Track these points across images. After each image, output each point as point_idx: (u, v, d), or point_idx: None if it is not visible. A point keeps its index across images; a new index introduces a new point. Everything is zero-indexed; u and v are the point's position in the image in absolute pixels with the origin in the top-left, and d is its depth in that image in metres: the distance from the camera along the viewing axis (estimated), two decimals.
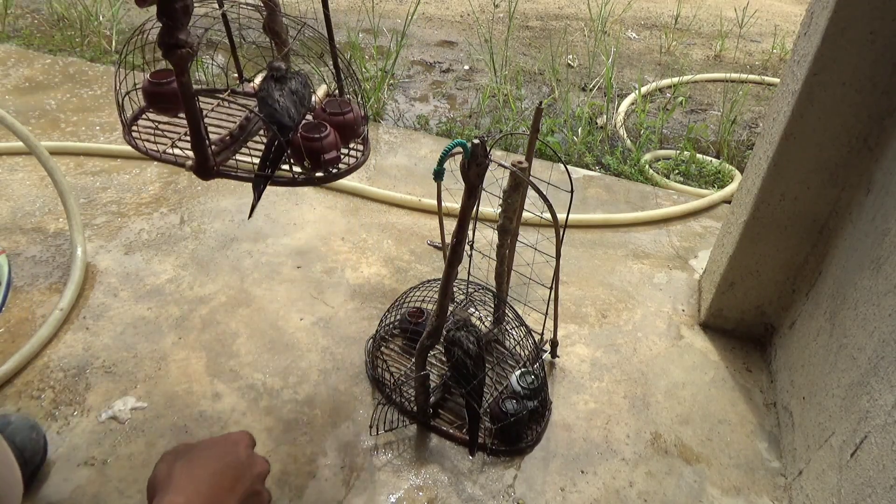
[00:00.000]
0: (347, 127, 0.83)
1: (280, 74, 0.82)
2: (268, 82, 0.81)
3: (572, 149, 1.97)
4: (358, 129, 0.85)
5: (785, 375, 1.12)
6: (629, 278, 1.40)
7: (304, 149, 0.76)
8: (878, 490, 0.74)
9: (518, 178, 0.96)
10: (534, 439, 1.02)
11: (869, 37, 0.92)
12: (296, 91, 0.82)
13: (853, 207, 1.01)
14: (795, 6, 3.75)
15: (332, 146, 0.77)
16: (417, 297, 1.15)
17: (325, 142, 0.77)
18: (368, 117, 0.84)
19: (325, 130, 0.78)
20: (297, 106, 0.80)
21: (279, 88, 0.81)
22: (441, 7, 3.29)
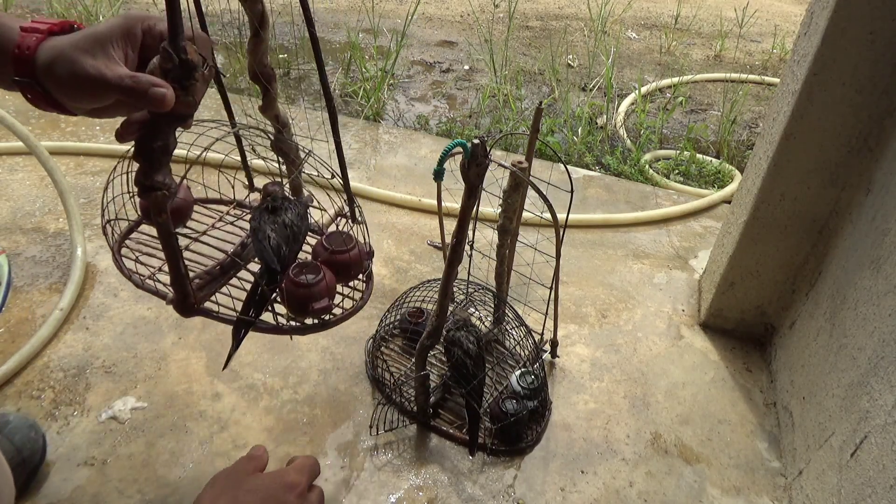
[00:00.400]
0: (349, 265, 0.75)
1: (275, 204, 0.74)
2: (260, 212, 0.73)
3: (572, 149, 1.97)
4: (361, 267, 0.78)
5: (785, 375, 1.12)
6: (629, 278, 1.40)
7: (292, 295, 0.70)
8: (878, 490, 0.74)
9: (518, 178, 0.96)
10: (534, 439, 1.02)
11: (869, 37, 0.92)
12: (290, 224, 0.73)
13: (853, 207, 1.01)
14: (795, 6, 3.75)
15: (323, 293, 0.70)
16: (417, 297, 1.15)
17: (315, 289, 0.69)
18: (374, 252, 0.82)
19: (319, 275, 0.71)
20: (289, 242, 0.71)
21: (272, 221, 0.72)
22: (441, 7, 3.29)
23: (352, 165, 1.72)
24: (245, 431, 0.99)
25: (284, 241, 0.71)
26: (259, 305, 0.70)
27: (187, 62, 0.54)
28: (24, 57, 0.56)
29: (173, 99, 0.55)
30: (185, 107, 0.56)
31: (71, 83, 0.55)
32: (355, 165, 1.73)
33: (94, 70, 0.54)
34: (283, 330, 0.73)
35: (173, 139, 0.59)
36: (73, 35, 0.57)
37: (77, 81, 0.55)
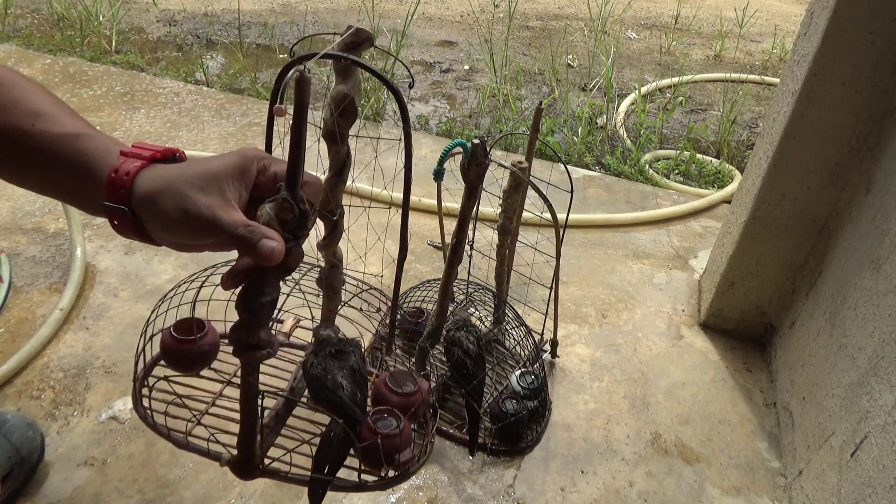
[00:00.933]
0: (420, 407, 0.66)
1: (339, 347, 0.67)
2: (322, 358, 0.65)
3: (572, 149, 1.97)
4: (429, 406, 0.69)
5: (785, 375, 1.12)
6: (629, 278, 1.40)
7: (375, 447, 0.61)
8: (878, 490, 0.74)
9: (518, 178, 0.96)
10: (534, 439, 1.02)
11: (869, 37, 0.92)
12: (357, 369, 0.66)
13: (853, 207, 1.01)
14: (795, 6, 3.75)
15: (407, 442, 0.62)
16: (417, 297, 1.15)
17: (400, 438, 0.61)
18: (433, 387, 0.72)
19: (400, 423, 0.62)
20: (361, 388, 0.65)
21: (339, 367, 0.65)
22: (441, 7, 3.29)
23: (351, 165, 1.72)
24: None
25: (357, 387, 0.65)
26: (338, 461, 0.64)
27: (305, 213, 0.50)
28: (122, 183, 0.52)
29: (283, 254, 0.50)
30: (295, 259, 0.51)
31: (177, 219, 0.51)
32: (355, 165, 1.72)
33: (207, 211, 0.51)
34: (366, 486, 0.64)
35: (278, 292, 0.53)
36: (181, 167, 0.53)
37: (185, 218, 0.51)
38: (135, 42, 2.50)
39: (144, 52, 2.41)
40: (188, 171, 0.52)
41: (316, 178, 0.56)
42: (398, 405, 0.65)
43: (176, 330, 0.71)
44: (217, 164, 0.53)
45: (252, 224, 0.50)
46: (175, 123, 1.83)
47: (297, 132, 0.48)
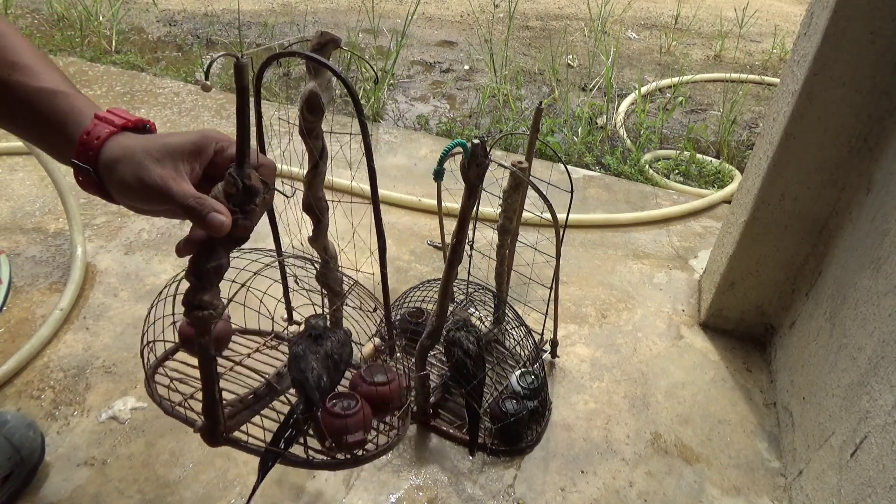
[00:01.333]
0: (388, 399, 0.73)
1: (317, 332, 0.73)
2: (304, 340, 0.73)
3: (572, 149, 1.97)
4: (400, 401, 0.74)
5: (785, 375, 1.12)
6: (629, 278, 1.40)
7: (326, 426, 0.67)
8: (878, 490, 0.74)
9: (518, 178, 0.96)
10: (534, 439, 1.02)
11: (869, 37, 0.92)
12: (332, 353, 0.72)
13: (853, 207, 1.01)
14: (795, 6, 3.75)
15: (358, 426, 0.68)
16: (417, 297, 1.15)
17: (351, 420, 0.67)
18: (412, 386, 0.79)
19: (356, 406, 0.69)
20: (331, 372, 0.71)
21: (314, 351, 0.71)
22: (441, 7, 3.30)
23: (351, 166, 1.72)
24: None
25: (326, 371, 0.71)
26: (291, 437, 0.68)
27: (250, 188, 0.56)
28: (91, 145, 0.56)
29: (230, 226, 0.55)
30: (242, 230, 0.56)
31: (132, 185, 0.56)
32: (355, 165, 1.73)
33: (160, 180, 0.55)
34: (312, 464, 0.69)
35: (226, 261, 0.58)
36: (146, 138, 0.58)
37: (140, 185, 0.55)
38: (135, 42, 2.50)
39: (144, 52, 2.41)
40: (149, 144, 0.56)
41: (269, 161, 0.61)
42: (364, 394, 0.70)
43: None
44: (176, 139, 0.57)
45: (202, 197, 0.55)
46: (175, 123, 1.83)
47: (241, 113, 0.54)
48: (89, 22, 2.44)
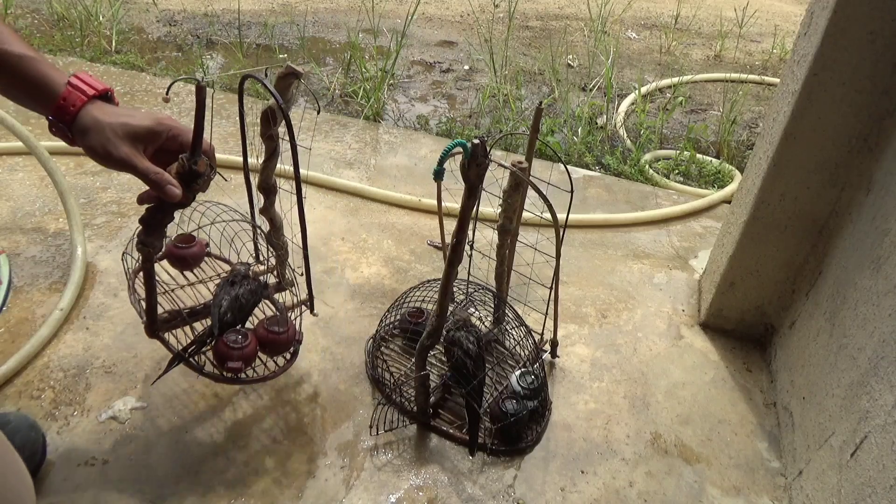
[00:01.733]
0: (277, 345, 0.95)
1: (234, 279, 0.95)
2: (224, 284, 0.95)
3: (572, 149, 1.97)
4: (287, 348, 0.97)
5: (785, 375, 1.12)
6: (629, 278, 1.40)
7: (216, 350, 0.90)
8: (878, 490, 0.74)
9: (518, 178, 0.96)
10: (534, 439, 1.02)
11: (869, 37, 0.92)
12: (240, 297, 0.93)
13: (853, 207, 1.01)
14: (795, 6, 3.75)
15: (240, 357, 0.89)
16: (417, 298, 1.15)
17: (235, 352, 0.89)
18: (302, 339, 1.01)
19: (244, 342, 0.90)
20: (234, 312, 0.92)
21: (228, 292, 0.93)
22: (441, 7, 3.30)
23: (352, 165, 1.72)
24: (245, 431, 0.99)
25: (231, 309, 0.92)
26: (195, 351, 0.92)
27: (196, 172, 0.77)
28: (66, 111, 0.73)
29: (180, 196, 0.77)
30: (186, 199, 0.79)
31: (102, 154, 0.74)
32: (355, 165, 1.73)
33: (126, 156, 0.75)
34: (200, 371, 0.92)
35: (171, 217, 0.82)
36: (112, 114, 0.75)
37: (108, 155, 0.74)
38: (135, 42, 2.50)
39: (144, 52, 2.41)
40: (114, 122, 0.74)
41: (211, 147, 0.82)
42: (260, 336, 0.93)
43: (176, 241, 1.06)
44: (135, 122, 0.75)
45: (160, 172, 0.76)
46: None
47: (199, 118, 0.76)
48: (89, 22, 2.44)
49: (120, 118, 0.74)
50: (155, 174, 0.75)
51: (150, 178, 0.75)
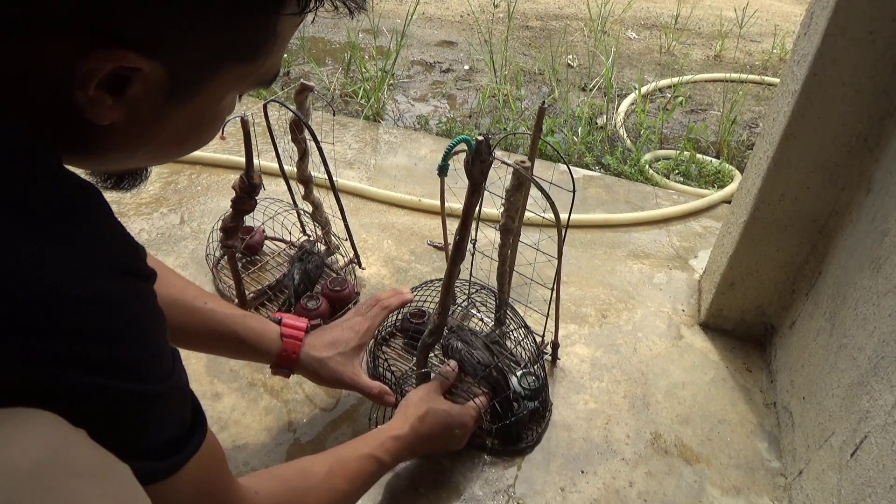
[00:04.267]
0: (343, 299, 1.19)
1: (301, 255, 1.20)
2: (293, 259, 1.21)
3: (572, 149, 1.97)
4: (350, 300, 1.20)
5: (785, 375, 1.12)
6: (629, 278, 1.40)
7: (297, 313, 1.10)
8: (878, 490, 0.74)
9: (521, 177, 0.96)
10: (534, 439, 1.02)
11: (869, 37, 0.92)
12: (308, 271, 1.19)
13: (853, 207, 1.01)
14: (795, 6, 3.76)
15: (317, 316, 1.11)
16: (418, 298, 1.15)
17: (315, 311, 1.12)
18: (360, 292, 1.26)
19: (318, 304, 1.13)
20: (304, 284, 1.18)
21: (299, 267, 1.18)
22: (441, 7, 3.30)
23: (352, 165, 1.72)
24: (245, 431, 0.99)
25: (303, 280, 1.18)
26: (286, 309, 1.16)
27: (254, 185, 0.99)
28: (291, 359, 0.88)
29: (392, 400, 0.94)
30: (250, 207, 1.02)
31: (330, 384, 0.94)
32: (355, 166, 1.73)
33: (351, 381, 0.91)
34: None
35: (242, 223, 1.07)
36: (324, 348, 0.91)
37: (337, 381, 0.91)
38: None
39: None
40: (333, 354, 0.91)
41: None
42: (327, 295, 1.17)
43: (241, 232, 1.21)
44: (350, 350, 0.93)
45: (381, 386, 0.94)
46: None
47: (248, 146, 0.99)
48: None
49: (335, 349, 0.91)
50: (378, 390, 0.92)
51: (374, 394, 0.92)
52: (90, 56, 0.38)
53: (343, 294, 1.18)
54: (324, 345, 0.91)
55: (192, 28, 0.40)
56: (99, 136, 0.43)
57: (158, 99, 0.43)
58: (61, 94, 0.40)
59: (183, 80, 0.43)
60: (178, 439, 0.50)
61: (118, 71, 0.39)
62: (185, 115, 0.46)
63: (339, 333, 0.93)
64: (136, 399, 0.43)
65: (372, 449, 0.80)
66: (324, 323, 1.10)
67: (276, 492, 0.66)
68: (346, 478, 0.75)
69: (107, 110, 0.41)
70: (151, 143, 0.47)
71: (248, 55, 0.45)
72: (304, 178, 1.18)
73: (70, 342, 0.38)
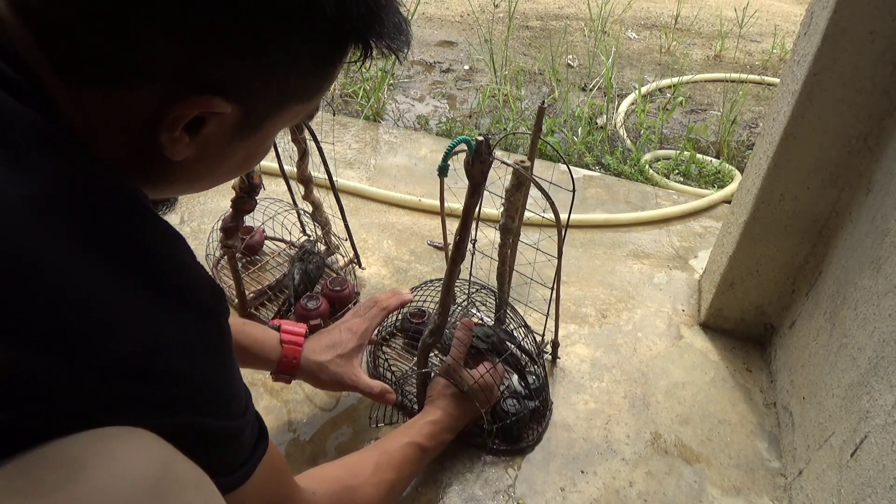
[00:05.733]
0: (343, 299, 1.18)
1: (302, 255, 1.19)
2: (294, 259, 1.20)
3: (572, 149, 1.97)
4: (350, 301, 1.19)
5: (785, 375, 1.12)
6: (629, 278, 1.40)
7: (297, 313, 1.13)
8: (878, 490, 0.74)
9: (521, 177, 0.96)
10: (534, 439, 1.02)
11: (869, 37, 0.92)
12: (310, 271, 1.18)
13: (853, 207, 1.01)
14: (795, 6, 3.76)
15: (318, 315, 1.12)
16: (418, 298, 1.15)
17: (316, 311, 1.12)
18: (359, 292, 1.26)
19: (318, 304, 1.12)
20: (304, 284, 1.17)
21: (299, 268, 1.17)
22: (441, 7, 3.30)
23: (352, 165, 1.72)
24: None
25: (303, 280, 1.17)
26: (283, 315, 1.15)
27: (254, 184, 1.00)
28: (291, 365, 0.88)
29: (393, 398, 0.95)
30: (251, 207, 1.03)
31: (331, 387, 0.94)
32: (355, 166, 1.73)
33: (351, 382, 0.92)
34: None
35: (242, 223, 1.08)
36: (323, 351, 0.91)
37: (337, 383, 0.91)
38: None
39: None
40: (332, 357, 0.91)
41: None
42: (327, 295, 1.16)
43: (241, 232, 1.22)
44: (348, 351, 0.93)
45: (381, 385, 0.93)
46: None
47: None
48: None
49: (334, 351, 0.92)
50: (379, 389, 0.93)
51: (375, 393, 0.92)
52: (183, 102, 0.42)
53: (343, 294, 1.18)
54: (322, 348, 0.92)
55: (275, 76, 0.45)
56: (170, 171, 0.47)
57: (227, 136, 0.47)
58: (146, 135, 0.43)
59: (252, 121, 0.47)
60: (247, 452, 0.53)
61: (202, 114, 0.43)
62: (244, 149, 0.49)
63: (337, 336, 0.94)
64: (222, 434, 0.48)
65: (411, 437, 0.86)
66: (324, 323, 1.10)
67: (331, 492, 0.71)
68: (392, 468, 0.80)
69: (183, 148, 0.45)
70: (212, 174, 0.51)
71: (309, 97, 0.50)
72: (304, 178, 1.19)
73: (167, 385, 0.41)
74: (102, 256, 0.39)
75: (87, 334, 0.37)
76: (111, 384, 0.38)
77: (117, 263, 0.39)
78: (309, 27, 0.43)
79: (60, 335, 0.36)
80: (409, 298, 1.06)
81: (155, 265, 0.42)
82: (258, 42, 0.42)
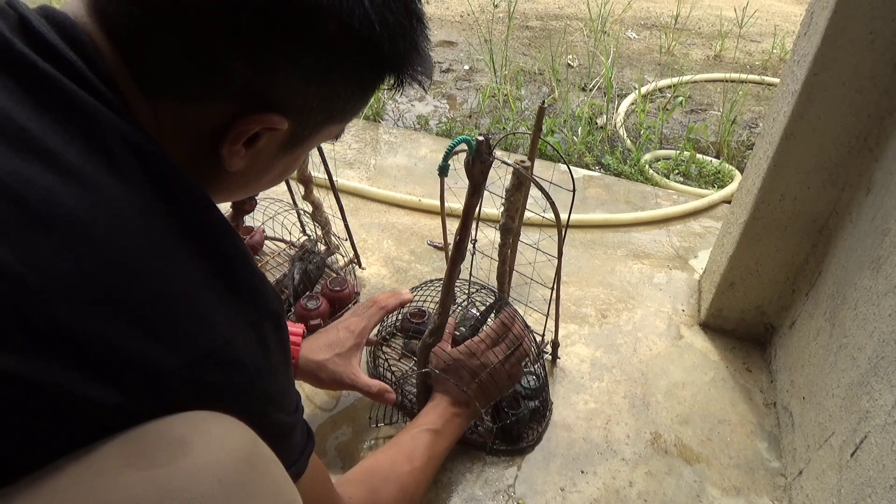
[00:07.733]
0: (343, 299, 1.18)
1: (302, 255, 1.20)
2: (293, 259, 1.20)
3: (572, 149, 1.97)
4: (350, 301, 1.19)
5: (785, 375, 1.12)
6: (629, 278, 1.40)
7: (297, 313, 1.12)
8: (878, 490, 0.74)
9: (521, 177, 0.96)
10: (534, 439, 1.02)
11: (869, 37, 0.92)
12: (310, 271, 1.20)
13: (853, 207, 1.01)
14: (795, 6, 3.76)
15: (318, 315, 1.11)
16: (418, 298, 1.15)
17: (315, 311, 1.11)
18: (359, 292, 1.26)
19: (317, 304, 1.12)
20: (304, 284, 1.18)
21: (299, 267, 1.18)
22: (441, 7, 3.30)
23: (352, 165, 1.72)
24: None
25: (303, 280, 1.18)
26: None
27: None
28: None
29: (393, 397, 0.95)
30: (250, 207, 1.10)
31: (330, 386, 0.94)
32: (355, 166, 1.73)
33: (350, 381, 0.92)
34: None
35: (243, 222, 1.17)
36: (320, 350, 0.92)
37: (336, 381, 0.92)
38: None
39: None
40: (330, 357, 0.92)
41: None
42: (326, 295, 1.16)
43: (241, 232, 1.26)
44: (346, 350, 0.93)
45: (379, 384, 0.93)
46: None
47: None
48: None
49: (332, 350, 0.92)
50: (377, 388, 0.93)
51: (373, 392, 0.92)
52: (247, 118, 0.46)
53: (343, 294, 1.18)
54: (320, 347, 0.92)
55: (330, 98, 0.49)
56: (221, 179, 0.51)
57: (274, 151, 0.51)
58: (209, 146, 0.47)
59: (298, 138, 0.51)
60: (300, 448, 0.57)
61: (261, 129, 0.47)
62: (284, 163, 0.53)
63: (335, 335, 0.95)
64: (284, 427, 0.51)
65: (420, 425, 0.88)
66: (324, 323, 1.10)
67: (360, 497, 0.74)
68: (405, 458, 0.82)
69: (238, 160, 0.49)
70: (253, 185, 0.55)
71: (346, 118, 0.54)
72: (304, 177, 1.19)
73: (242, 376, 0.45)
74: (200, 259, 0.43)
75: (189, 328, 0.42)
76: (203, 372, 0.42)
77: (211, 266, 0.44)
78: (368, 59, 0.48)
79: (171, 328, 0.41)
80: (409, 298, 1.06)
81: (234, 268, 0.46)
82: (327, 68, 0.46)
